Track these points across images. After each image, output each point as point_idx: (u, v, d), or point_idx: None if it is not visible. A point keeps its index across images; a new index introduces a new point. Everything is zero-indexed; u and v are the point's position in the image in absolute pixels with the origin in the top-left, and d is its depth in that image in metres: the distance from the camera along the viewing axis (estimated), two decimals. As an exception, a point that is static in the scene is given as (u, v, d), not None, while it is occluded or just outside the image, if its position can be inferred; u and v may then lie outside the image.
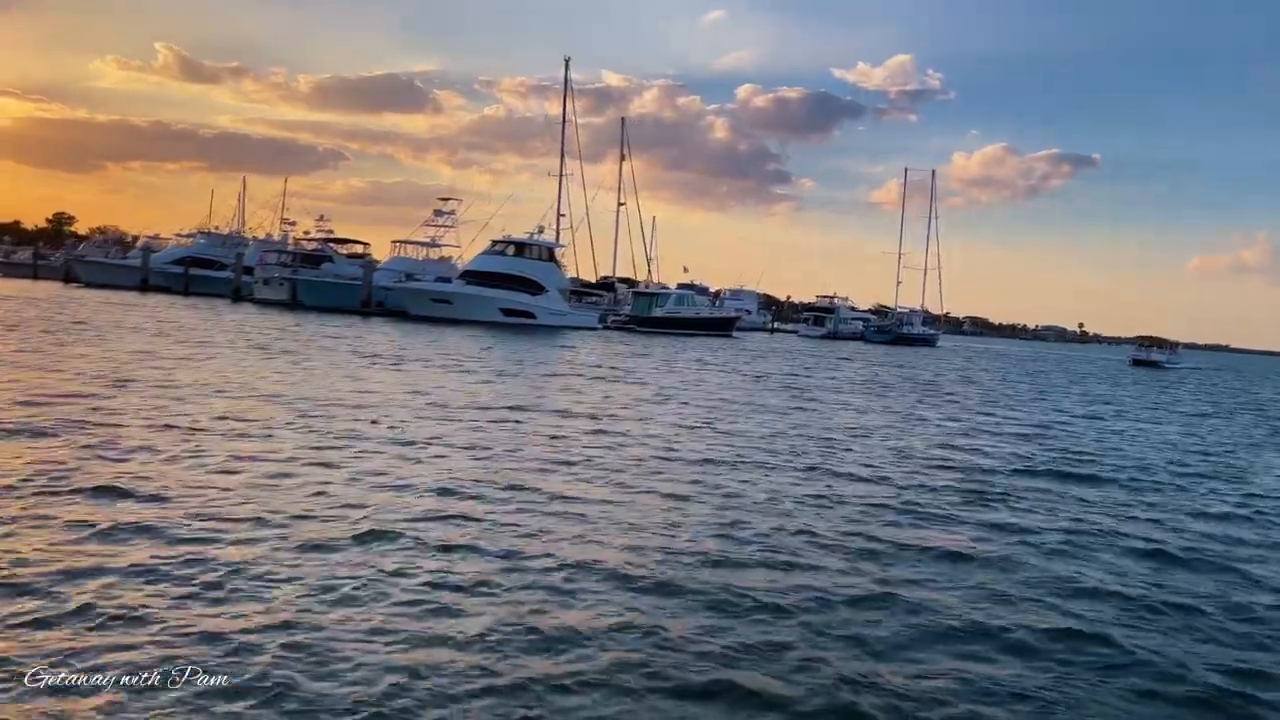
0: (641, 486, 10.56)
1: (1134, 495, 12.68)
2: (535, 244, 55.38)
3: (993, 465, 14.32)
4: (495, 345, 35.65)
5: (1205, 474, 15.51)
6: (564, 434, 14.10)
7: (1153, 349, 77.16)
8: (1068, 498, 12.01)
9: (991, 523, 10.06)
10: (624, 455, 12.55)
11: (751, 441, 14.88)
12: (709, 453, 13.36)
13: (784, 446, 14.62)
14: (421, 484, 9.74)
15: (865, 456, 14.26)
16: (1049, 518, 10.58)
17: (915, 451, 15.26)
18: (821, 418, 19.52)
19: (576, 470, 11.25)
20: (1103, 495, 12.44)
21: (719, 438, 15.08)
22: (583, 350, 37.65)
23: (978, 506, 10.93)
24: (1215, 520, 11.32)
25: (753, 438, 15.38)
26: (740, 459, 13.01)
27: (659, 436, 14.65)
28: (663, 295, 64.80)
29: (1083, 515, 10.86)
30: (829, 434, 16.75)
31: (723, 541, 8.37)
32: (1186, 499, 12.72)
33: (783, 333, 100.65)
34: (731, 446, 14.13)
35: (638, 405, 19.05)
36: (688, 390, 23.66)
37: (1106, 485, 13.37)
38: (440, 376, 21.95)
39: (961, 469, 13.70)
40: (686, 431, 15.54)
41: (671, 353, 41.29)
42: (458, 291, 51.25)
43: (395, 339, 34.36)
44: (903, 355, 63.51)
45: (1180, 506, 12.06)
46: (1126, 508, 11.64)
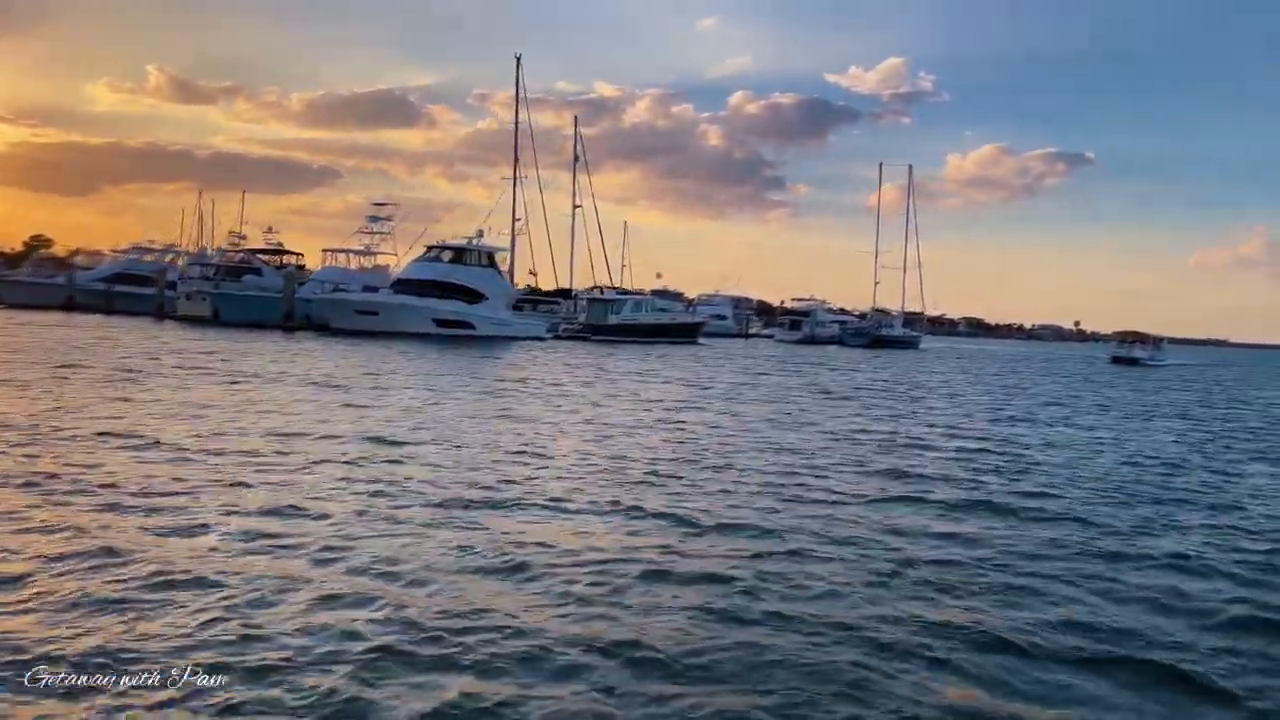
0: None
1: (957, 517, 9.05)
2: (474, 249, 51.69)
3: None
4: (410, 359, 31.99)
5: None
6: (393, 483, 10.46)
7: (1134, 345, 71.83)
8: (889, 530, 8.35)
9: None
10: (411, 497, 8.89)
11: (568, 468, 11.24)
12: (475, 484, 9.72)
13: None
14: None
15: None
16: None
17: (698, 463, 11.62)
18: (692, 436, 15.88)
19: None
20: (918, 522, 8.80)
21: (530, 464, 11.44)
22: (518, 363, 33.78)
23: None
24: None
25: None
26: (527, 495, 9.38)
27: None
28: (619, 301, 61.08)
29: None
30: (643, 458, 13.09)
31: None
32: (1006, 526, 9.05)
33: (761, 338, 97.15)
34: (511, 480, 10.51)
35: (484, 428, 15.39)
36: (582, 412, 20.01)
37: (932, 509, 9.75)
38: (301, 397, 18.54)
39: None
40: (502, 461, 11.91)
41: (620, 363, 37.56)
42: (384, 301, 47.49)
43: (290, 356, 30.67)
44: (876, 359, 59.82)
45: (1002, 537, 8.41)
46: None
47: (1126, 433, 20.96)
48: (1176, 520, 10.80)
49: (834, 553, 8.37)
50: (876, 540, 8.92)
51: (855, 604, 6.91)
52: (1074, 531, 9.82)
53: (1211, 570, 8.56)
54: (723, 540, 8.67)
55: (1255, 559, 9.07)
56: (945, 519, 10.18)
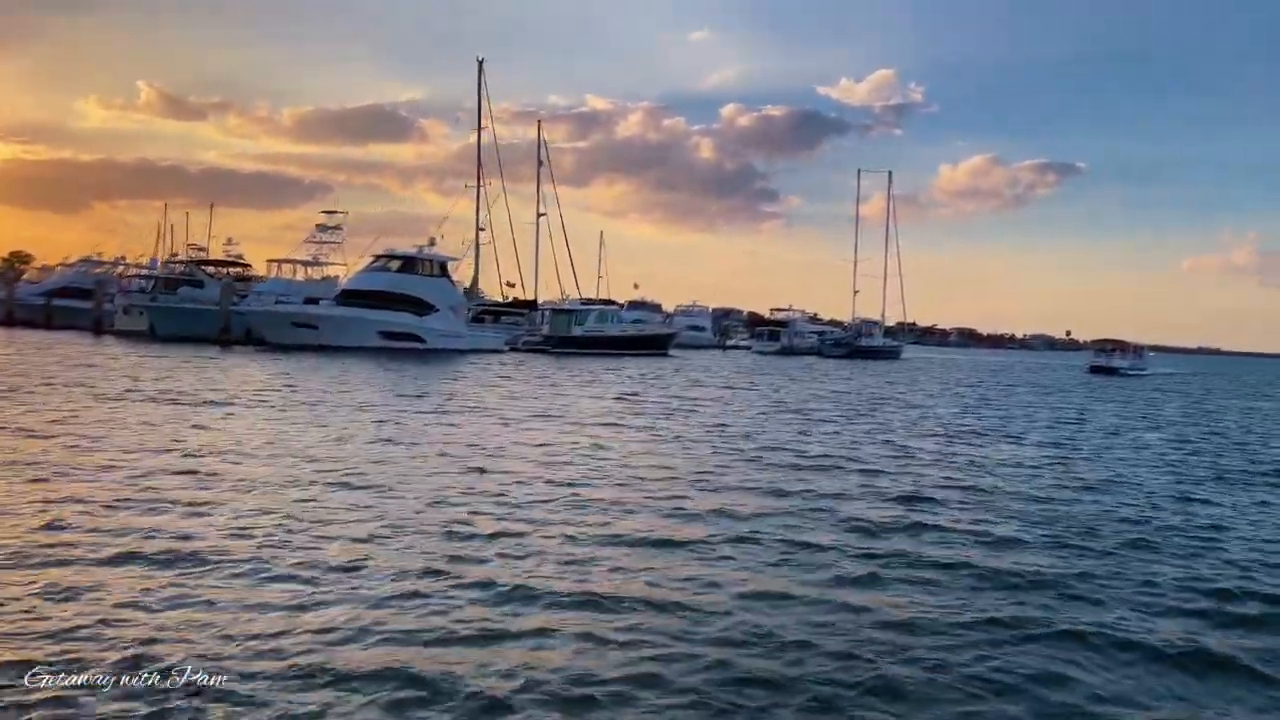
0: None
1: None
2: (424, 258, 49.31)
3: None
4: (331, 374, 29.57)
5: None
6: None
7: (1114, 353, 68.51)
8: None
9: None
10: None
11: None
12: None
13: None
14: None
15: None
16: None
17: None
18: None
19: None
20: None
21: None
22: (468, 378, 31.10)
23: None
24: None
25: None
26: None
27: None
28: (583, 312, 58.67)
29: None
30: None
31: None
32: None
33: (740, 349, 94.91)
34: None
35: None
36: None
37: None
38: (143, 416, 16.33)
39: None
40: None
41: (572, 377, 35.16)
42: (325, 314, 45.02)
43: (197, 371, 28.27)
44: (852, 370, 57.54)
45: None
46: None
47: (1043, 450, 18.71)
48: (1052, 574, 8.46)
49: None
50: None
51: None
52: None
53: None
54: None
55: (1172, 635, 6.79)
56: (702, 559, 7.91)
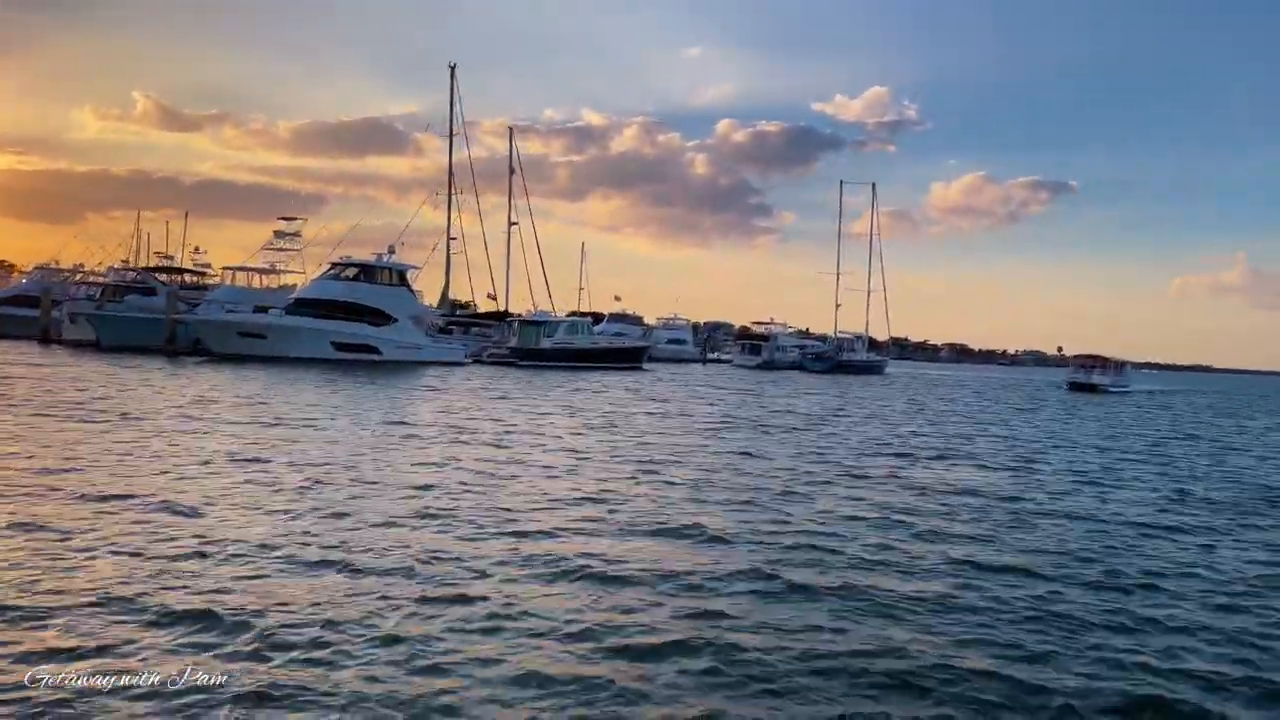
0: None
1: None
2: (382, 266, 47.40)
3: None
4: (264, 387, 27.61)
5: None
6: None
7: (1094, 370, 65.51)
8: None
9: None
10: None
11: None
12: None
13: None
14: None
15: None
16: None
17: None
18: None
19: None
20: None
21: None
22: (416, 395, 28.94)
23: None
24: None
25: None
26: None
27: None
28: (551, 324, 56.80)
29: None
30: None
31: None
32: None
33: (723, 363, 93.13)
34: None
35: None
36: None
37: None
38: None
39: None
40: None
41: (531, 392, 33.22)
42: (272, 323, 43.02)
43: (121, 382, 26.28)
44: (832, 385, 55.72)
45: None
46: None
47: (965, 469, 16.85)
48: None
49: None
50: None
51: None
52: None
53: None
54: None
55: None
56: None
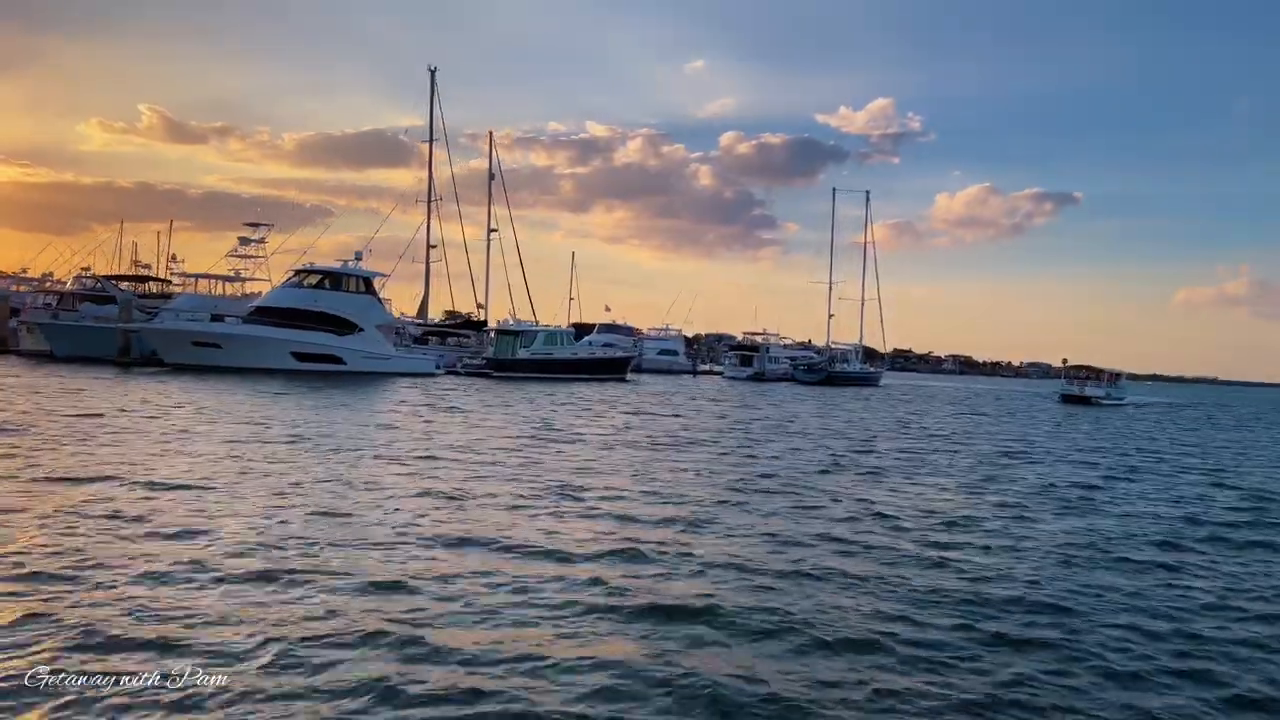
0: None
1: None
2: (348, 273, 45.71)
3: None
4: (208, 399, 25.78)
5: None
6: None
7: (1086, 381, 63.06)
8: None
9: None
10: None
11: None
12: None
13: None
14: None
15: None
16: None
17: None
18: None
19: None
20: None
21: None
22: (379, 410, 26.62)
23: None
24: None
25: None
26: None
27: None
28: (529, 333, 54.94)
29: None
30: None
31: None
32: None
33: (715, 374, 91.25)
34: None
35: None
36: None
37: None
38: None
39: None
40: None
41: (496, 406, 31.39)
42: (229, 332, 41.27)
43: (44, 393, 24.50)
44: (817, 398, 53.78)
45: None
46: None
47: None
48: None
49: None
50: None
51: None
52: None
53: None
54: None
55: None
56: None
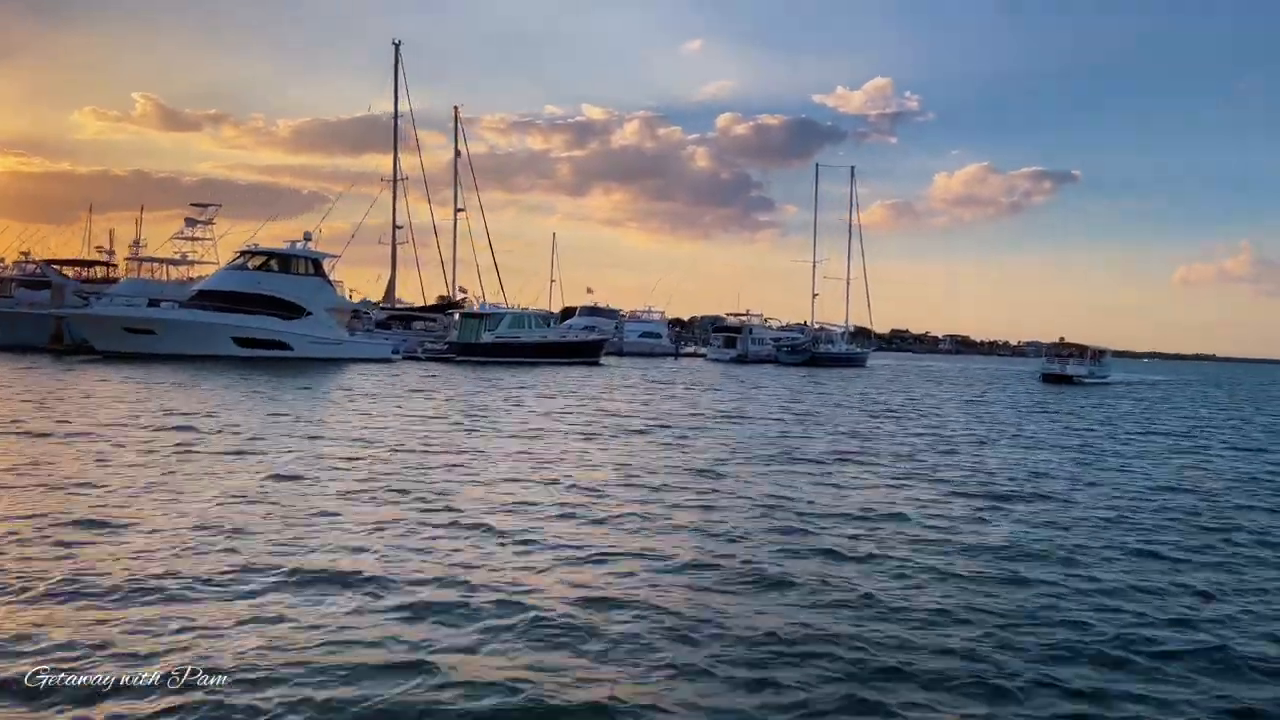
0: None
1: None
2: (296, 255, 43.50)
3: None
4: (114, 391, 23.64)
5: None
6: None
7: (1069, 360, 59.73)
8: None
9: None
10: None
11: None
12: None
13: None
14: None
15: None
16: None
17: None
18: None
19: None
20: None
21: None
22: (316, 402, 24.53)
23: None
24: None
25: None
26: None
27: None
28: (494, 316, 52.74)
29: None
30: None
31: None
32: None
33: (699, 357, 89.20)
34: None
35: None
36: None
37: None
38: None
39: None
40: None
41: (441, 393, 29.34)
42: (164, 318, 39.07)
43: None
44: (799, 379, 51.71)
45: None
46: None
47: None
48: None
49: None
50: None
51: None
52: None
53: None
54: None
55: None
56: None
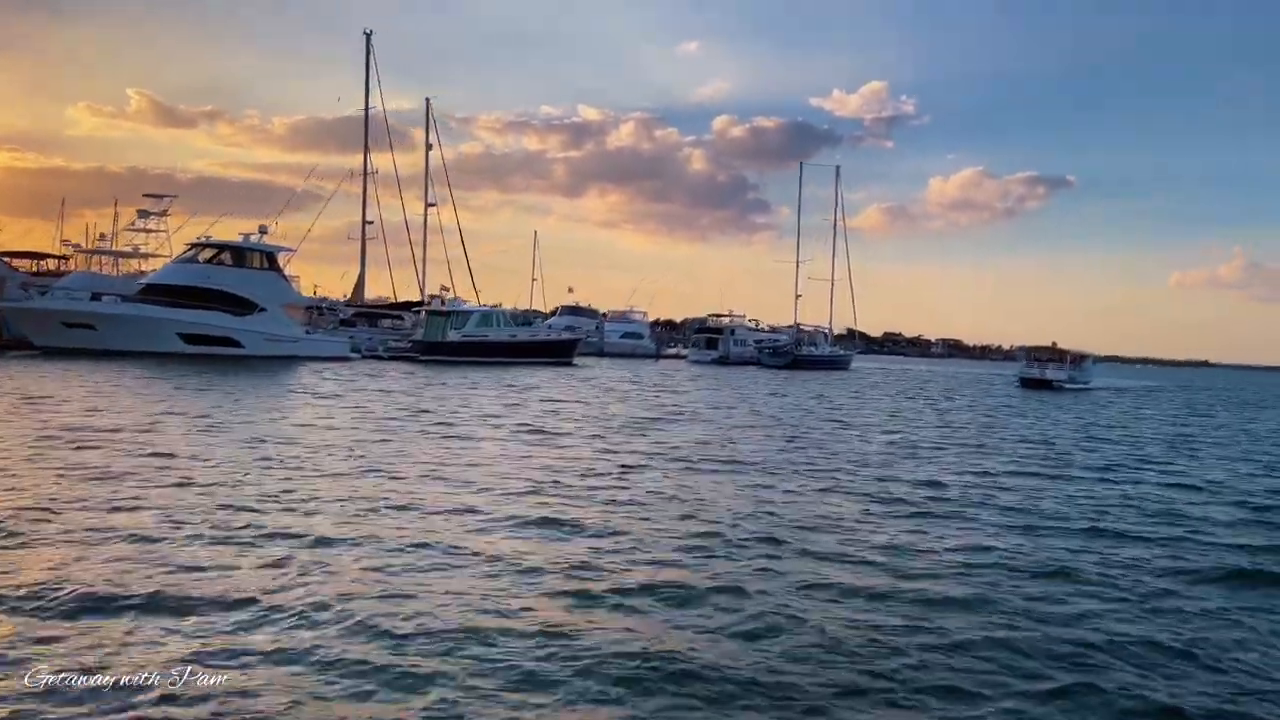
0: None
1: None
2: (249, 248, 41.93)
3: None
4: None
5: None
6: None
7: (1048, 364, 56.89)
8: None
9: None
10: None
11: None
12: None
13: None
14: None
15: None
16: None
17: None
18: None
19: None
20: None
21: None
22: (259, 404, 23.14)
23: None
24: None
25: None
26: None
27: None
28: (460, 314, 51.12)
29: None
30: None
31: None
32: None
33: (680, 358, 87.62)
34: None
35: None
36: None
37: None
38: None
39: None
40: None
41: (385, 396, 27.80)
42: (105, 312, 37.47)
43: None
44: (775, 381, 50.22)
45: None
46: None
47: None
48: None
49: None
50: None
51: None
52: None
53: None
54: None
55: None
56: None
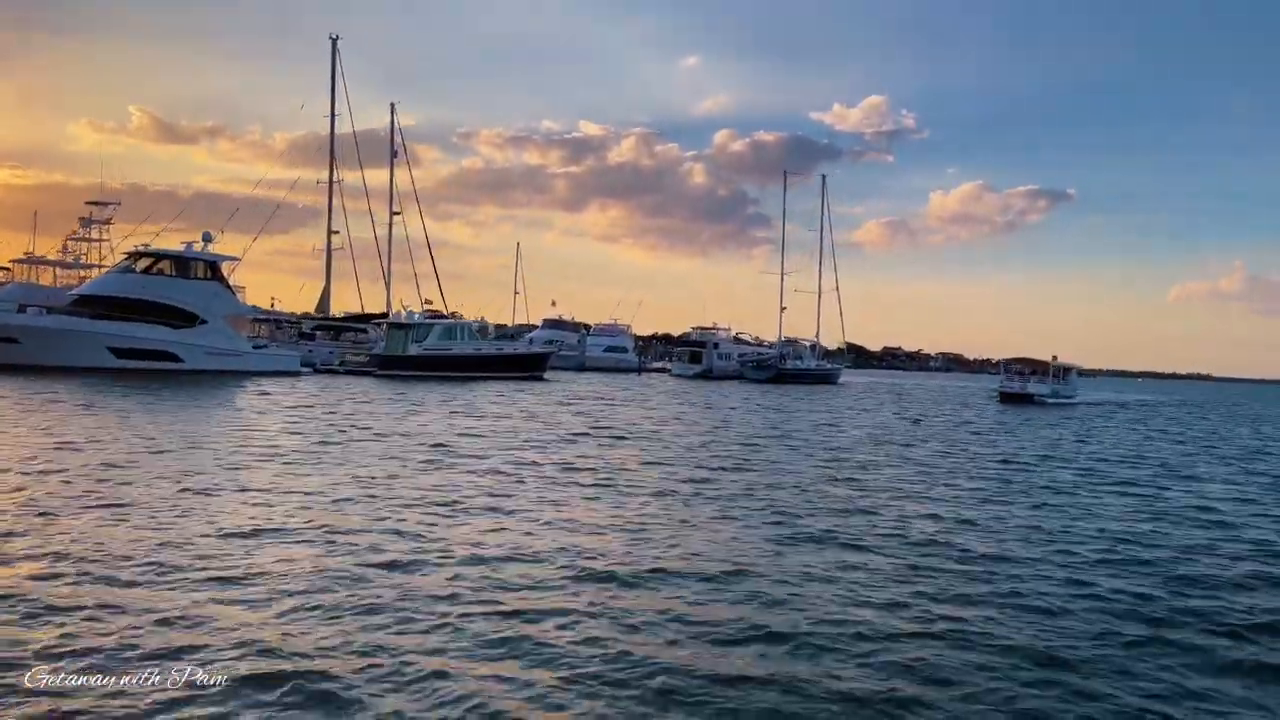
0: None
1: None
2: (191, 257, 39.82)
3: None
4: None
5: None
6: None
7: (1029, 378, 53.67)
8: None
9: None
10: None
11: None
12: None
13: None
14: None
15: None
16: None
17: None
18: None
19: None
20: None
21: None
22: (173, 427, 21.05)
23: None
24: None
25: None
26: None
27: None
28: (421, 327, 49.03)
29: None
30: None
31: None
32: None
33: (664, 372, 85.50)
34: None
35: None
36: None
37: None
38: None
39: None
40: None
41: (326, 415, 25.60)
42: (29, 324, 35.31)
43: None
44: (751, 396, 48.04)
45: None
46: None
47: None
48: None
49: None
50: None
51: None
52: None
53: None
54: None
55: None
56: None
